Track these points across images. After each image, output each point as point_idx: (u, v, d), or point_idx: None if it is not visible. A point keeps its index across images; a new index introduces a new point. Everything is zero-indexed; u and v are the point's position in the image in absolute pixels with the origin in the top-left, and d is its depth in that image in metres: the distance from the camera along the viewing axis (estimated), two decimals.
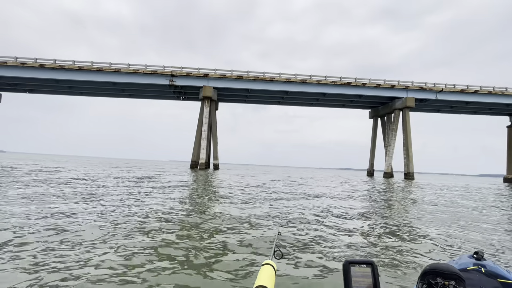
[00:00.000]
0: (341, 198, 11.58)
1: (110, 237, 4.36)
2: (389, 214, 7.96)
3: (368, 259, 1.01)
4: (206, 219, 6.03)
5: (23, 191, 8.78)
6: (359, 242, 4.77)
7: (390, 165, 43.46)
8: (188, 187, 13.66)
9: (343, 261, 1.00)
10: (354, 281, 0.96)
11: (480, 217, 8.12)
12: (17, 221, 4.97)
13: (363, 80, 41.66)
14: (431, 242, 4.93)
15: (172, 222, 5.57)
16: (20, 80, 40.43)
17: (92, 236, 4.34)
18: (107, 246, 3.89)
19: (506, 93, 41.58)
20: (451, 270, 0.94)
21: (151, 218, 5.84)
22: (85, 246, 3.86)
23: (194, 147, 41.81)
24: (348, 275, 0.97)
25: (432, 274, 0.95)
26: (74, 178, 15.13)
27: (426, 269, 0.98)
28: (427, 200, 12.60)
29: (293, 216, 6.80)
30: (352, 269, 0.98)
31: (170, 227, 5.19)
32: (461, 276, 0.93)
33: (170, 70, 39.81)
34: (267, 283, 1.00)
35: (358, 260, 1.00)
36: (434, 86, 41.89)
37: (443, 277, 0.93)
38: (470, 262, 1.28)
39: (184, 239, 4.44)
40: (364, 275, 0.97)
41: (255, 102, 52.46)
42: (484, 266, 1.23)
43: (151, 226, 5.18)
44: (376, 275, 0.97)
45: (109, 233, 4.58)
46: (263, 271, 1.09)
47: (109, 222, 5.28)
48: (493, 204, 11.98)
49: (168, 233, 4.76)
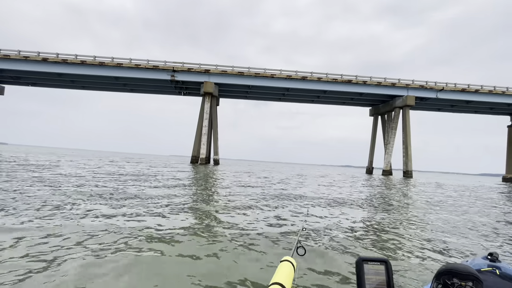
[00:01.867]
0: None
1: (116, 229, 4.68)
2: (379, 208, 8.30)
3: (382, 257, 1.00)
4: (220, 212, 6.00)
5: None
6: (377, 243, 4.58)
7: (389, 163, 43.73)
8: (194, 180, 14.03)
9: (357, 258, 1.00)
10: (367, 278, 0.95)
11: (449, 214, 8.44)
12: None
13: (364, 78, 41.72)
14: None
15: (178, 213, 5.66)
16: (23, 74, 40.77)
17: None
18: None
19: (507, 93, 41.56)
20: (468, 271, 0.92)
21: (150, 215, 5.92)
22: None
23: (194, 142, 42.20)
24: (361, 272, 0.96)
25: (448, 274, 0.93)
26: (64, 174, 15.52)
27: (442, 268, 0.97)
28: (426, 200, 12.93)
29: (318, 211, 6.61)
30: (366, 267, 0.97)
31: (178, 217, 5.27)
32: (479, 277, 0.91)
33: (172, 65, 40.02)
34: (284, 280, 0.97)
35: (371, 257, 0.99)
36: (435, 85, 41.90)
37: (460, 277, 0.91)
38: (484, 264, 1.26)
39: (191, 229, 4.42)
40: (378, 273, 0.95)
41: (256, 99, 52.63)
42: (499, 268, 1.21)
43: (152, 223, 5.05)
44: (390, 273, 0.95)
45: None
46: (281, 268, 1.07)
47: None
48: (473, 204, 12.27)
49: (175, 226, 4.74)
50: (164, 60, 39.99)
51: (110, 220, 4.86)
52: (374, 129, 51.19)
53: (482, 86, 41.69)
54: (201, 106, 41.95)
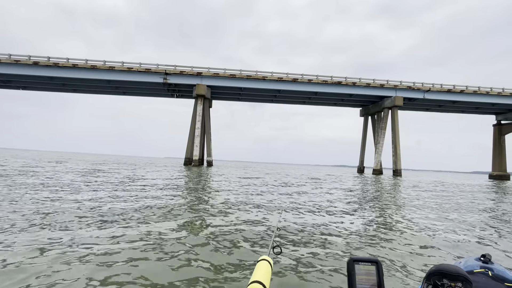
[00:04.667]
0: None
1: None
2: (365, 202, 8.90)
3: (373, 258, 1.00)
4: (199, 213, 6.10)
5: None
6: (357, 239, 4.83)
7: (379, 162, 44.66)
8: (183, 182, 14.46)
9: (348, 258, 1.01)
10: (358, 279, 0.95)
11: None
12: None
13: (353, 79, 42.62)
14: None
15: (161, 216, 5.73)
16: (13, 77, 40.59)
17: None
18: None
19: (491, 93, 42.91)
20: (458, 271, 0.92)
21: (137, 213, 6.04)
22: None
23: (187, 144, 42.54)
24: (352, 273, 0.96)
25: (439, 275, 0.93)
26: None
27: (432, 269, 0.97)
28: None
29: (293, 211, 6.70)
30: (357, 267, 0.97)
31: (160, 219, 5.35)
32: (469, 278, 0.92)
33: (164, 68, 40.33)
34: (263, 278, 1.00)
35: (362, 258, 0.99)
36: (422, 85, 43.04)
37: (449, 278, 0.91)
38: (476, 265, 1.26)
39: (175, 232, 4.46)
40: (369, 273, 0.96)
41: (249, 100, 53.20)
42: (491, 270, 1.21)
43: (137, 221, 5.29)
44: (380, 273, 0.96)
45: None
46: (260, 267, 1.08)
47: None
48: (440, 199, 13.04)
49: (158, 226, 4.84)
50: (157, 63, 40.30)
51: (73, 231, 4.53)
52: (365, 129, 52.20)
53: (467, 86, 42.98)
54: (194, 108, 42.33)
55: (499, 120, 52.05)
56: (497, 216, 8.34)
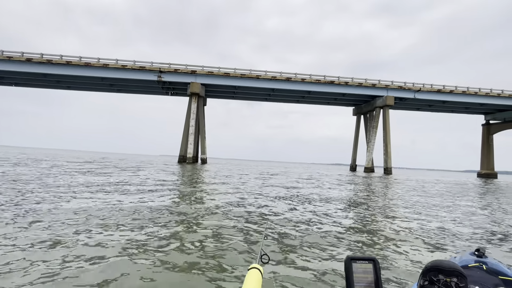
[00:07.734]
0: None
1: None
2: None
3: (370, 256, 1.01)
4: (188, 217, 5.83)
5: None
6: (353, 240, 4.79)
7: (370, 160, 45.53)
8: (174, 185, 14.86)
9: (345, 257, 1.01)
10: (356, 277, 0.96)
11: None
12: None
13: (346, 78, 43.30)
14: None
15: (149, 220, 5.42)
16: (6, 74, 40.38)
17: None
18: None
19: (480, 93, 43.98)
20: (453, 267, 0.94)
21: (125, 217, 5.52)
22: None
23: (182, 142, 42.86)
24: (350, 271, 0.97)
25: (434, 271, 0.95)
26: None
27: (428, 266, 0.98)
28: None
29: (281, 218, 6.45)
30: (354, 265, 0.97)
31: (145, 224, 5.05)
32: (463, 273, 0.94)
33: (158, 66, 40.48)
34: (254, 287, 1.00)
35: (360, 256, 1.00)
36: (413, 85, 43.92)
37: (445, 274, 0.93)
38: (471, 259, 1.28)
39: (163, 239, 4.23)
40: (366, 271, 0.97)
41: (243, 99, 53.64)
42: (486, 263, 1.23)
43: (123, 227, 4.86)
44: (378, 271, 0.97)
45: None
46: (250, 276, 1.08)
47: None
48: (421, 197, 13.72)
49: (141, 232, 4.59)
50: (151, 61, 40.43)
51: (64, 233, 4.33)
52: (357, 128, 53.06)
53: (457, 87, 43.98)
54: (188, 106, 42.63)
55: (487, 120, 53.35)
56: (476, 212, 8.69)
